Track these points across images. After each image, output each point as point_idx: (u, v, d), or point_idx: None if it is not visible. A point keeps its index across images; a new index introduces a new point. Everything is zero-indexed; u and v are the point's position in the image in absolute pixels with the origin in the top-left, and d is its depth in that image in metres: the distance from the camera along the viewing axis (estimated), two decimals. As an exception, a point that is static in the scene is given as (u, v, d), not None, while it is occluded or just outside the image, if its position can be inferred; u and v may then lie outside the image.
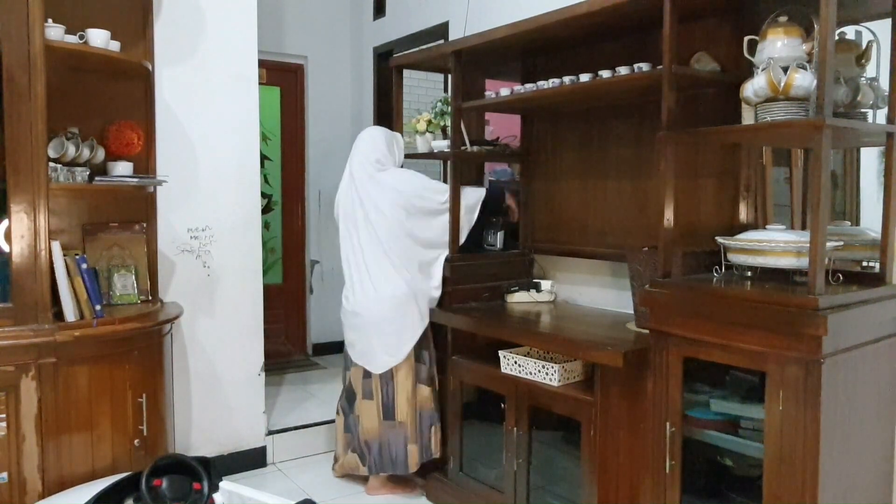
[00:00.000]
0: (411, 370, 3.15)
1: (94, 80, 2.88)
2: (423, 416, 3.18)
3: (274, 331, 4.84)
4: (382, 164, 3.21)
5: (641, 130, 2.89)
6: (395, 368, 3.13)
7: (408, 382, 3.14)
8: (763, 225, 2.40)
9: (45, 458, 2.41)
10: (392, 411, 3.15)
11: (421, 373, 3.18)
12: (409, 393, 3.14)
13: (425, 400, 3.19)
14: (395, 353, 3.11)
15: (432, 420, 3.20)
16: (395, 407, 3.15)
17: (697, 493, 2.24)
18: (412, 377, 3.15)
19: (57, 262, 2.48)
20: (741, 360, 1.99)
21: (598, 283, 3.18)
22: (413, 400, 3.16)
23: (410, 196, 3.14)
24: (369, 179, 3.17)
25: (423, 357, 3.19)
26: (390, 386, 3.15)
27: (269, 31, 4.69)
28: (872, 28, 2.13)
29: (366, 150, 3.23)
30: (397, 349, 3.11)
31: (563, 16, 2.66)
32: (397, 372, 3.13)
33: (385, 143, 3.26)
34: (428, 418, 3.19)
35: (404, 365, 3.13)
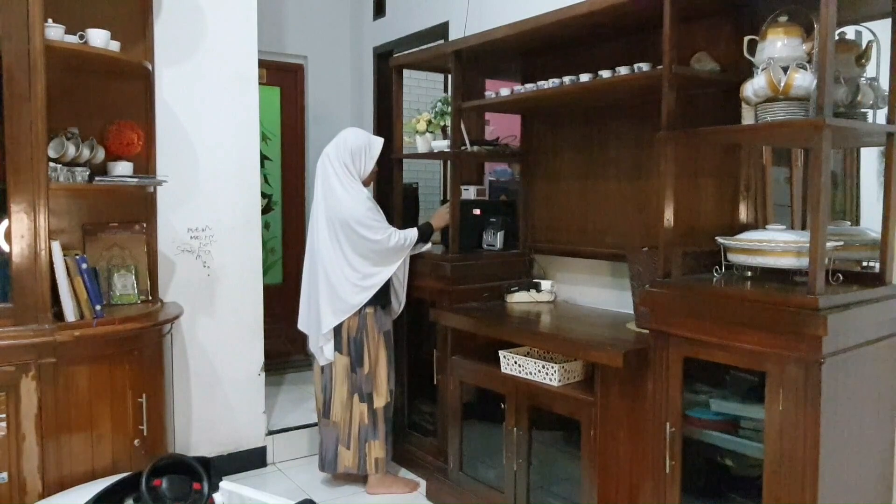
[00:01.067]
0: (346, 377, 3.20)
1: (94, 80, 2.88)
2: (360, 430, 3.23)
3: (274, 331, 4.82)
4: (344, 172, 3.19)
5: (641, 130, 2.89)
6: (333, 369, 3.21)
7: (343, 389, 3.21)
8: (763, 225, 2.40)
9: (45, 458, 2.41)
10: (329, 410, 3.25)
11: (356, 384, 3.21)
12: (343, 399, 3.21)
13: (361, 415, 3.22)
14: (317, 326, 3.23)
15: (367, 436, 3.22)
16: (331, 406, 3.24)
17: (697, 493, 2.24)
18: (347, 385, 3.21)
19: (57, 262, 2.48)
20: (741, 360, 1.99)
21: (598, 283, 3.18)
22: (348, 406, 3.21)
23: (349, 220, 3.13)
24: (333, 176, 3.20)
25: (357, 371, 3.20)
26: (329, 385, 3.23)
27: (269, 31, 4.69)
28: (872, 28, 2.13)
29: (336, 150, 3.22)
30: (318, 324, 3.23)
31: (563, 16, 2.66)
32: (335, 373, 3.21)
33: (352, 151, 3.21)
34: (364, 433, 3.22)
35: (340, 369, 3.20)
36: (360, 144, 3.23)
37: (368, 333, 3.19)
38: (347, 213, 3.13)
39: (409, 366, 3.64)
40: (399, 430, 3.68)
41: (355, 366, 3.19)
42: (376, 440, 3.23)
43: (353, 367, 3.20)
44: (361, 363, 3.19)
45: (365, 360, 3.19)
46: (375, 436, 3.23)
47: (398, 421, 3.69)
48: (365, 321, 3.18)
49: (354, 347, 3.19)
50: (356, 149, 3.21)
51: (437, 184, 4.76)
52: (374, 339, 3.20)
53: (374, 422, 3.22)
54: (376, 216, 3.18)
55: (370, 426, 3.22)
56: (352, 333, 3.18)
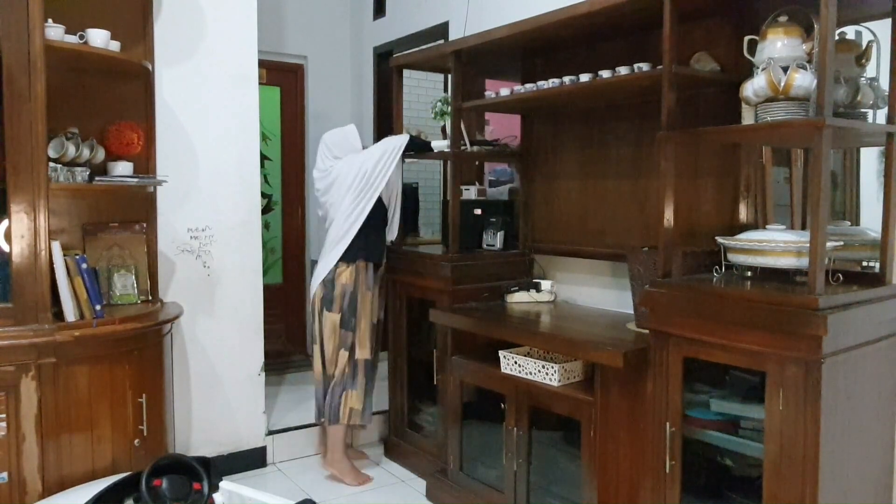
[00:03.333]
0: (334, 333, 3.33)
1: (94, 80, 2.88)
2: (341, 379, 3.34)
3: (274, 331, 4.83)
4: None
5: (641, 130, 2.89)
6: (322, 324, 3.36)
7: (330, 345, 3.35)
8: (763, 225, 2.40)
9: (45, 458, 2.41)
10: (324, 360, 3.40)
11: (345, 340, 3.33)
12: (330, 354, 3.36)
13: (342, 365, 3.33)
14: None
15: (345, 385, 3.33)
16: (325, 357, 3.39)
17: (697, 493, 2.24)
18: (334, 342, 3.34)
19: (57, 262, 2.48)
20: (741, 360, 1.99)
21: (598, 283, 3.18)
22: (334, 361, 3.34)
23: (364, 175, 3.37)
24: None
25: (350, 324, 3.32)
26: (320, 339, 3.39)
27: (269, 31, 4.69)
28: (872, 28, 2.13)
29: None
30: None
31: (563, 16, 2.66)
32: (325, 328, 3.36)
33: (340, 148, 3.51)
34: (340, 383, 3.33)
35: (328, 326, 3.34)
36: (336, 140, 3.51)
37: (359, 287, 3.32)
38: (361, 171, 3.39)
39: (409, 366, 3.64)
40: (399, 430, 3.68)
41: (348, 318, 3.31)
42: (354, 390, 3.31)
43: (344, 322, 3.32)
44: (354, 313, 3.32)
45: (357, 311, 3.33)
46: (354, 385, 3.31)
47: (399, 421, 3.69)
48: (358, 274, 3.32)
49: (349, 303, 3.30)
50: (336, 143, 3.50)
51: (437, 184, 4.76)
52: (363, 293, 3.33)
53: (354, 372, 3.32)
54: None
55: (350, 375, 3.32)
56: (347, 290, 3.31)
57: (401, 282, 3.59)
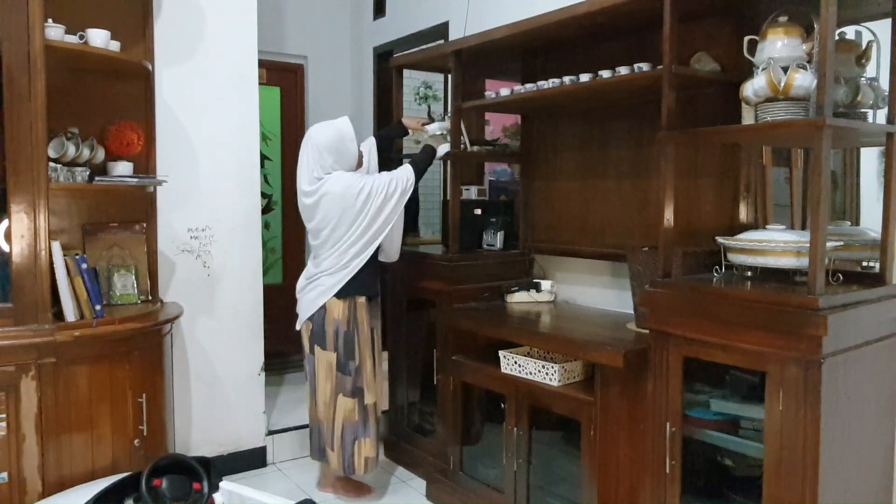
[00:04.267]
0: (331, 374, 3.01)
1: (94, 80, 2.88)
2: (345, 428, 3.03)
3: (274, 331, 4.82)
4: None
5: (641, 130, 2.89)
6: (315, 364, 3.03)
7: (326, 387, 3.02)
8: (763, 225, 2.40)
9: (45, 458, 2.41)
10: (314, 403, 3.10)
11: (344, 384, 3.01)
12: (326, 397, 3.02)
13: (349, 412, 3.02)
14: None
15: (356, 434, 3.03)
16: (315, 400, 3.08)
17: (697, 493, 2.24)
18: (331, 383, 3.01)
19: (57, 262, 2.48)
20: (741, 360, 1.99)
21: (598, 283, 3.18)
22: (331, 405, 3.02)
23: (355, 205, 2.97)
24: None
25: (348, 368, 3.01)
26: (312, 380, 3.08)
27: (269, 31, 4.69)
28: (872, 28, 2.13)
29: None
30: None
31: (563, 16, 2.66)
32: (317, 370, 3.03)
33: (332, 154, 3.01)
34: (352, 431, 3.03)
35: (324, 365, 3.01)
36: (328, 143, 3.00)
37: (359, 325, 3.02)
38: (348, 200, 3.01)
39: (409, 366, 3.64)
40: (399, 430, 3.68)
41: (345, 363, 3.00)
42: (367, 437, 3.04)
43: (341, 366, 3.00)
44: (353, 357, 3.00)
45: (356, 354, 3.01)
46: (366, 433, 3.04)
47: (399, 421, 3.69)
48: (355, 312, 3.01)
49: (344, 342, 2.99)
50: (328, 148, 2.99)
51: (437, 184, 4.76)
52: (364, 331, 3.04)
53: (365, 419, 3.03)
54: (363, 181, 3.04)
55: (360, 423, 3.03)
56: (340, 327, 2.99)
57: (401, 282, 3.59)
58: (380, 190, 2.95)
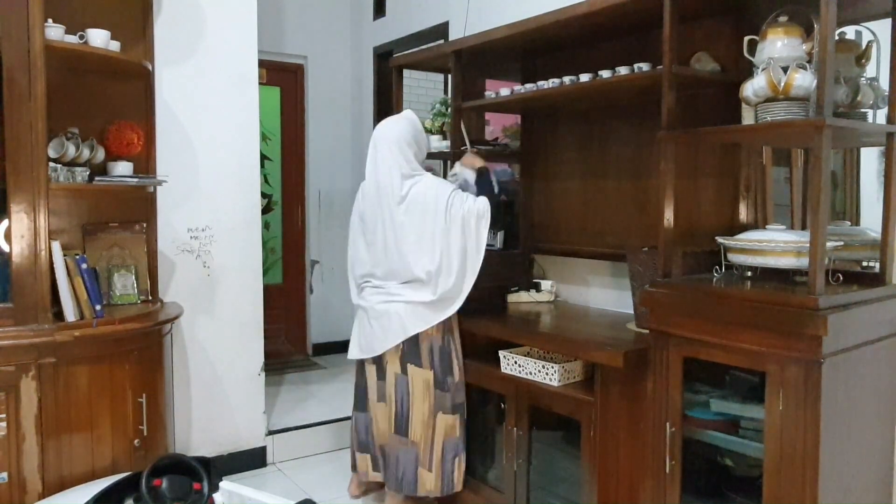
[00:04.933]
0: (429, 392, 2.86)
1: (94, 80, 2.88)
2: (445, 446, 2.89)
3: (274, 331, 4.84)
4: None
5: (641, 130, 2.89)
6: (409, 383, 2.87)
7: (424, 405, 2.87)
8: (763, 225, 2.40)
9: (45, 458, 2.41)
10: (405, 427, 2.89)
11: (444, 401, 2.87)
12: (424, 416, 2.87)
13: (449, 429, 2.89)
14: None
15: (457, 451, 2.90)
16: (409, 423, 2.89)
17: (697, 493, 2.24)
18: (430, 402, 2.86)
19: (57, 262, 2.48)
20: (741, 360, 1.99)
21: (598, 283, 3.18)
22: (430, 424, 2.88)
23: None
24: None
25: (447, 384, 2.88)
26: (407, 399, 2.89)
27: (269, 31, 4.69)
28: (872, 28, 2.13)
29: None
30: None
31: (563, 16, 2.66)
32: (412, 389, 2.87)
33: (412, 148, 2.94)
34: (452, 448, 2.89)
35: (420, 383, 2.86)
36: (406, 136, 2.94)
37: (455, 340, 2.92)
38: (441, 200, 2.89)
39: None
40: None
41: (443, 378, 2.86)
42: (463, 452, 2.92)
43: (439, 383, 2.86)
44: (451, 372, 2.88)
45: (455, 370, 2.89)
46: (463, 447, 2.92)
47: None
48: (451, 327, 2.91)
49: (440, 359, 2.86)
50: (412, 138, 2.94)
51: (437, 184, 4.75)
52: (458, 345, 2.94)
53: (466, 434, 2.93)
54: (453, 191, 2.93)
55: (461, 439, 2.90)
56: (434, 344, 2.86)
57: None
58: (473, 214, 2.87)
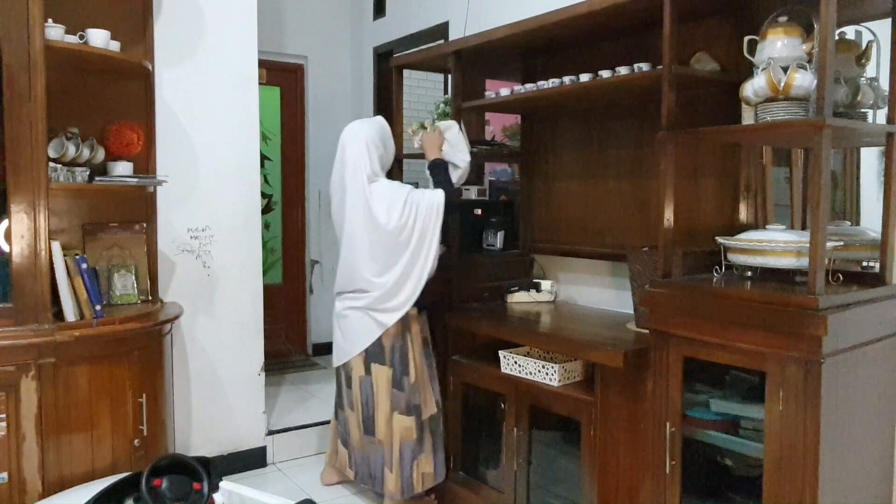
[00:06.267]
0: (388, 392, 2.94)
1: (94, 80, 2.88)
2: (403, 448, 2.95)
3: (274, 331, 4.83)
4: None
5: (641, 130, 2.89)
6: (374, 383, 2.96)
7: (386, 405, 2.95)
8: (763, 225, 2.40)
9: (45, 458, 2.41)
10: (372, 426, 3.00)
11: (399, 401, 2.94)
12: (386, 415, 2.95)
13: (405, 430, 2.95)
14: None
15: (414, 454, 2.95)
16: (374, 423, 2.99)
17: (697, 493, 2.24)
18: (390, 401, 2.95)
19: (57, 262, 2.48)
20: (741, 360, 1.99)
21: (598, 283, 3.18)
22: (390, 423, 2.96)
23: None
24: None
25: (402, 383, 2.95)
26: (371, 400, 2.98)
27: (269, 31, 4.69)
28: (872, 28, 2.13)
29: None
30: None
31: (563, 16, 2.66)
32: (377, 388, 2.96)
33: (378, 154, 3.01)
34: (410, 451, 2.95)
35: (383, 382, 2.94)
36: (375, 137, 3.01)
37: (412, 339, 2.97)
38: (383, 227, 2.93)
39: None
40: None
41: (399, 378, 2.94)
42: (423, 455, 2.96)
43: (396, 382, 2.94)
44: (407, 372, 2.94)
45: (411, 369, 2.95)
46: (422, 449, 2.96)
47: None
48: (408, 325, 2.96)
49: (399, 357, 2.94)
50: (376, 141, 3.00)
51: (437, 184, 4.75)
52: (417, 344, 2.99)
53: (422, 435, 2.96)
54: (407, 193, 2.95)
55: (417, 441, 2.95)
56: (395, 342, 2.94)
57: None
58: (421, 213, 2.90)
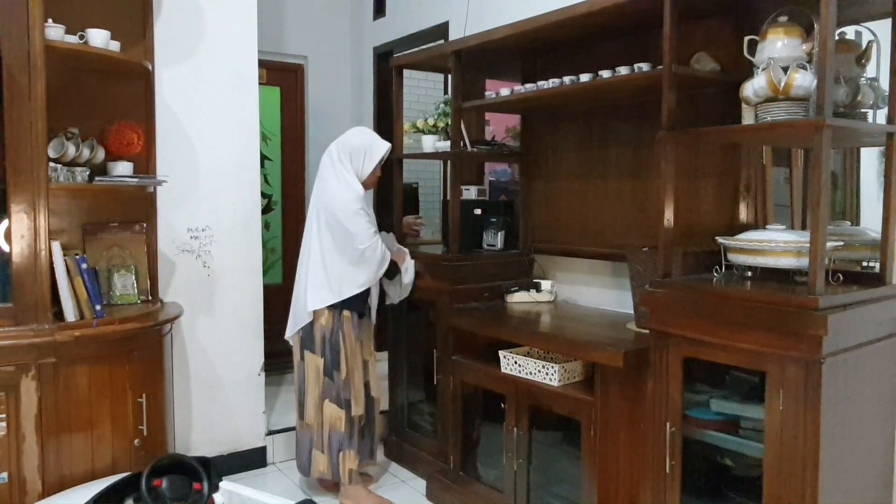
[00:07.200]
0: (318, 379, 3.05)
1: (94, 80, 2.88)
2: (331, 436, 3.06)
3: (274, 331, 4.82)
4: (342, 167, 3.07)
5: (641, 130, 2.89)
6: (304, 369, 3.08)
7: (315, 391, 3.06)
8: (763, 225, 2.40)
9: (45, 458, 2.41)
10: (303, 410, 3.12)
11: (329, 389, 3.05)
12: (315, 400, 3.06)
13: (335, 420, 3.05)
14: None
15: (341, 444, 3.05)
16: (304, 407, 3.11)
17: (697, 493, 2.24)
18: (320, 387, 3.05)
19: (57, 262, 2.48)
20: (741, 360, 1.99)
21: (598, 283, 3.18)
22: (319, 408, 3.06)
23: (338, 214, 3.00)
24: (330, 168, 3.08)
25: (333, 375, 3.04)
26: (302, 385, 3.11)
27: (269, 31, 4.69)
28: (872, 28, 2.13)
29: (337, 146, 3.11)
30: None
31: (562, 16, 2.66)
32: (307, 374, 3.08)
33: (352, 149, 3.08)
34: (337, 440, 3.05)
35: (312, 369, 3.06)
36: (360, 144, 3.08)
37: (345, 337, 3.05)
38: (339, 207, 2.98)
39: (408, 365, 3.64)
40: (399, 429, 3.68)
41: (331, 369, 3.04)
42: (350, 450, 3.07)
43: (327, 371, 3.04)
44: (338, 367, 3.04)
45: (342, 365, 3.04)
46: (351, 445, 3.07)
47: (399, 421, 3.69)
48: (341, 323, 3.04)
49: (330, 350, 3.04)
50: (356, 147, 3.07)
51: (437, 184, 4.76)
52: (350, 344, 3.06)
53: (351, 431, 3.07)
54: (366, 219, 2.99)
55: (346, 434, 3.06)
56: (326, 334, 3.04)
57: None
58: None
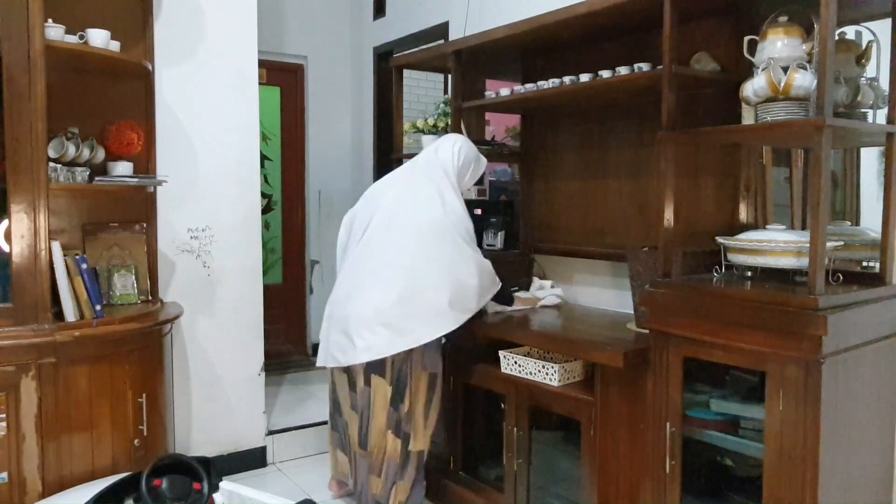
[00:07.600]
0: (385, 407, 2.84)
1: (94, 80, 2.88)
2: (389, 466, 2.87)
3: (274, 331, 4.83)
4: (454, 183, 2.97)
5: (641, 130, 2.89)
6: (371, 394, 2.84)
7: (382, 418, 2.84)
8: (763, 225, 2.40)
9: (45, 458, 2.41)
10: (366, 440, 2.90)
11: (391, 419, 2.84)
12: (382, 428, 2.85)
13: (391, 451, 2.86)
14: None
15: (396, 477, 2.87)
16: (368, 436, 2.89)
17: (697, 493, 2.24)
18: (386, 416, 2.84)
19: (57, 262, 2.48)
20: (741, 360, 1.99)
21: (598, 283, 3.18)
22: (384, 435, 2.85)
23: (461, 231, 2.87)
24: (445, 179, 2.94)
25: (399, 409, 2.84)
26: (367, 411, 2.88)
27: (269, 31, 4.69)
28: (872, 28, 2.13)
29: (451, 157, 2.98)
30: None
31: (563, 16, 2.66)
32: (373, 400, 2.84)
33: (460, 164, 2.98)
34: (393, 472, 2.87)
35: (380, 397, 2.83)
36: (468, 157, 3.00)
37: (413, 369, 2.84)
38: (468, 223, 2.91)
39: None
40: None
41: (396, 400, 2.83)
42: (402, 482, 2.89)
43: (394, 401, 2.83)
44: (403, 399, 2.83)
45: (406, 397, 2.83)
46: (402, 477, 2.89)
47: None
48: (409, 354, 2.81)
49: (398, 379, 2.83)
50: (466, 160, 2.98)
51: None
52: (416, 375, 2.85)
53: (405, 463, 2.88)
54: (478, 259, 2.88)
55: (399, 467, 2.87)
56: (397, 364, 2.82)
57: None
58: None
